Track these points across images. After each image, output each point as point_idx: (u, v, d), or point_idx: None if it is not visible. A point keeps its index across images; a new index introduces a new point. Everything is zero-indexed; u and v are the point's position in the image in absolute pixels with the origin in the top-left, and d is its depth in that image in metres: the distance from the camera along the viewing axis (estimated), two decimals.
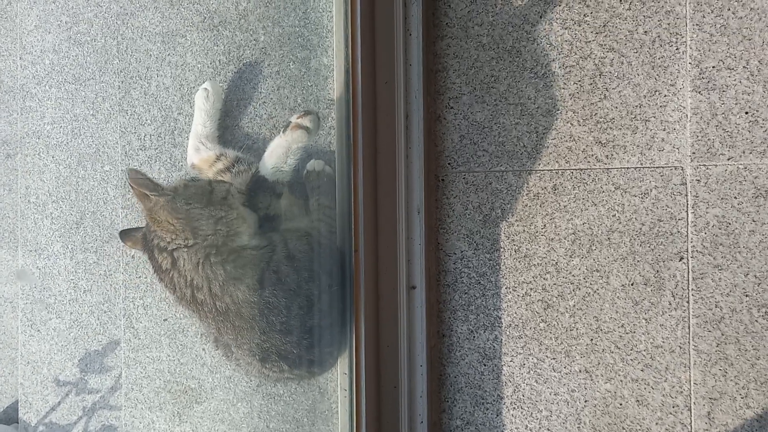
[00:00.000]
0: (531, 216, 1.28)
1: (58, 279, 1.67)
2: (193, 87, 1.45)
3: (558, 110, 1.26)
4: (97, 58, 1.66)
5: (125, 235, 1.36)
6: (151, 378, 1.47)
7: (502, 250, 1.30)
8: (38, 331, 1.69)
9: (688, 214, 1.19)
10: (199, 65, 1.46)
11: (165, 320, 1.47)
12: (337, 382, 1.32)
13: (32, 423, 1.70)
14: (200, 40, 1.46)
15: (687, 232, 1.19)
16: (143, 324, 1.48)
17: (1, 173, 1.87)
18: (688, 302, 1.19)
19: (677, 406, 1.20)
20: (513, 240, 1.29)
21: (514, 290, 1.29)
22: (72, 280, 1.66)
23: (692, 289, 1.19)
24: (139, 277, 1.49)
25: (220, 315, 1.19)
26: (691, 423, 1.19)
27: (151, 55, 1.49)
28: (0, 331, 1.85)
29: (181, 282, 1.19)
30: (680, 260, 1.20)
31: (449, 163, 1.33)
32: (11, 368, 1.83)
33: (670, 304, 1.20)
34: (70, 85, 1.68)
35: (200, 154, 1.40)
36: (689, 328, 1.19)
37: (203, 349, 1.44)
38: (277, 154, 1.26)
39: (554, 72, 1.26)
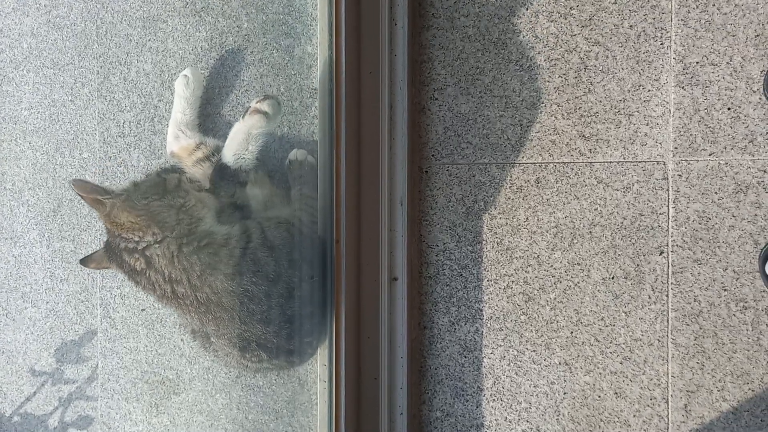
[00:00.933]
0: (514, 209, 1.28)
1: (34, 267, 1.65)
2: (174, 73, 1.43)
3: (542, 103, 1.26)
4: (77, 43, 1.63)
5: (86, 260, 1.31)
6: (128, 368, 1.45)
7: (484, 242, 1.30)
8: (13, 320, 1.67)
9: (669, 209, 1.20)
10: (180, 51, 1.44)
11: (142, 310, 1.45)
12: (317, 373, 1.31)
13: (6, 413, 1.68)
14: (182, 26, 1.43)
15: (668, 226, 1.20)
16: (120, 314, 1.47)
17: None
18: (667, 296, 1.20)
19: (655, 398, 1.21)
20: (495, 233, 1.29)
21: (496, 283, 1.29)
22: (48, 268, 1.63)
23: (672, 283, 1.20)
24: None
25: (202, 306, 1.17)
26: (668, 415, 1.20)
27: (131, 40, 1.47)
28: None
29: (159, 279, 1.17)
30: (660, 254, 1.20)
31: (433, 155, 1.33)
32: None
33: (649, 297, 1.21)
34: (49, 70, 1.65)
35: (180, 142, 1.37)
36: (668, 321, 1.20)
37: (181, 340, 1.42)
38: (238, 141, 1.22)
39: (539, 65, 1.26)
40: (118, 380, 1.46)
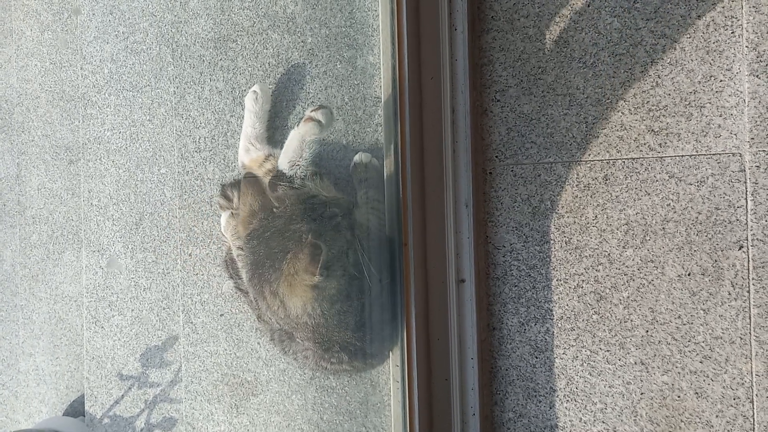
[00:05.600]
0: (581, 207, 1.27)
1: (119, 278, 1.75)
2: (245, 90, 1.50)
3: (608, 99, 1.25)
4: (153, 66, 1.73)
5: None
6: (209, 371, 1.52)
7: (552, 242, 1.29)
8: (102, 327, 1.77)
9: (747, 202, 1.16)
10: (249, 68, 1.51)
11: (221, 315, 1.52)
12: (389, 374, 1.33)
13: (97, 416, 1.77)
14: (250, 44, 1.50)
15: (746, 220, 1.16)
16: (201, 319, 1.54)
17: (65, 178, 1.96)
18: (748, 292, 1.16)
19: (738, 398, 1.16)
20: (563, 232, 1.28)
21: (566, 282, 1.28)
22: (132, 278, 1.73)
23: (753, 279, 1.15)
24: (196, 274, 1.55)
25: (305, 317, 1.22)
26: (753, 415, 1.16)
27: (204, 60, 1.55)
28: (66, 328, 1.94)
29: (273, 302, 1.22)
30: (740, 249, 1.16)
31: (497, 156, 1.33)
32: (77, 364, 1.92)
33: (729, 294, 1.17)
34: (128, 93, 1.76)
35: (250, 155, 1.44)
36: (750, 318, 1.16)
37: (258, 343, 1.48)
38: (293, 148, 1.27)
39: (603, 61, 1.25)
40: (200, 383, 1.53)
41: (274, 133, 1.48)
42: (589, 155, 1.26)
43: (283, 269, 1.15)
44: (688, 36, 1.19)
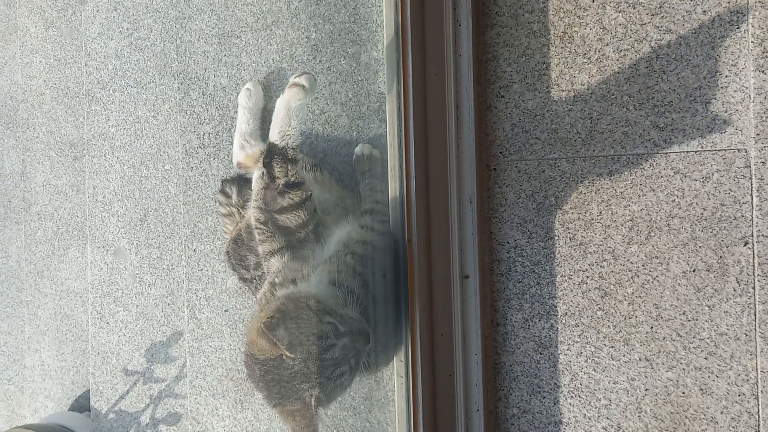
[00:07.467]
0: (586, 203, 1.27)
1: (124, 274, 1.75)
2: None
3: (612, 95, 1.24)
4: (157, 62, 1.73)
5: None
6: (214, 366, 1.53)
7: (556, 238, 1.29)
8: (107, 323, 1.77)
9: (752, 198, 1.15)
10: (253, 64, 1.51)
11: (226, 311, 1.52)
12: (394, 370, 1.33)
13: (103, 411, 1.78)
14: (254, 40, 1.50)
15: (752, 216, 1.15)
16: (205, 315, 1.54)
17: (70, 174, 1.97)
18: (753, 288, 1.15)
19: (743, 394, 1.16)
20: (568, 228, 1.28)
21: (570, 278, 1.28)
22: (137, 274, 1.74)
23: (758, 275, 1.15)
24: (201, 270, 1.55)
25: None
26: (758, 412, 1.15)
27: (208, 56, 1.55)
28: (71, 324, 1.95)
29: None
30: (745, 245, 1.16)
31: (501, 152, 1.33)
32: (82, 359, 1.93)
33: (734, 290, 1.17)
34: (133, 89, 1.76)
35: (245, 152, 1.44)
36: (755, 314, 1.15)
37: None
38: (281, 117, 1.26)
39: (608, 56, 1.25)
40: (204, 378, 1.54)
41: (269, 129, 1.47)
42: (594, 151, 1.26)
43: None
44: (694, 31, 1.19)
